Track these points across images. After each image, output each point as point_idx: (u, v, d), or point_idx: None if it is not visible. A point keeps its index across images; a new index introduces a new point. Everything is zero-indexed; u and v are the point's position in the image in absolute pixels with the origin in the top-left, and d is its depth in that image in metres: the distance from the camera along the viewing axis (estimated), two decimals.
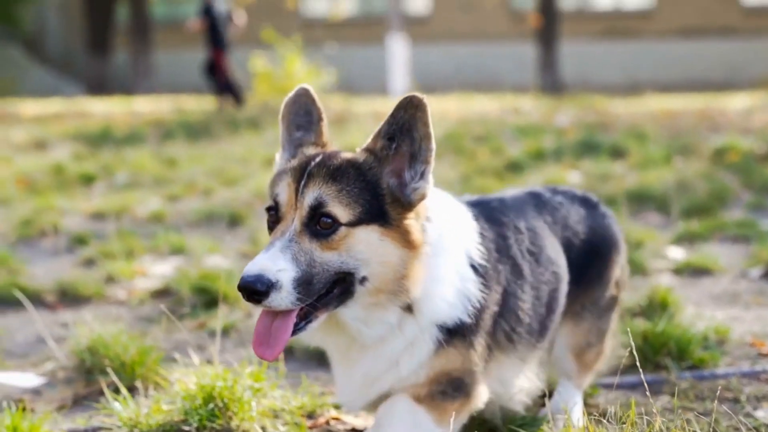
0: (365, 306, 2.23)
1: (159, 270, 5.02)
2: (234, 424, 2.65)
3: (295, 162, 2.30)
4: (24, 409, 2.71)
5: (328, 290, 2.17)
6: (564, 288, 2.72)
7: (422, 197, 2.25)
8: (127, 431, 2.65)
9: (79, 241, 5.93)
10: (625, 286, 3.04)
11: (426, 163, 2.23)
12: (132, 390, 2.94)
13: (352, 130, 11.97)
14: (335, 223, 2.15)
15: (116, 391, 2.87)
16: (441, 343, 2.33)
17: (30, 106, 19.80)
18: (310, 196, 2.17)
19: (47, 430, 2.67)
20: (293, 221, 2.16)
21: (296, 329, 2.15)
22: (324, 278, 2.14)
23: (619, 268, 2.95)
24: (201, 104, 18.30)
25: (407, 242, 2.21)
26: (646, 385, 2.69)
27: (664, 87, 20.60)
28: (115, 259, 5.14)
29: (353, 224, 2.16)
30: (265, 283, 2.04)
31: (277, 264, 2.08)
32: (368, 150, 2.27)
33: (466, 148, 9.66)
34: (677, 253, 5.21)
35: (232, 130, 13.72)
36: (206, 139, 12.54)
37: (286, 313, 2.14)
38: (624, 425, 2.23)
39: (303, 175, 2.21)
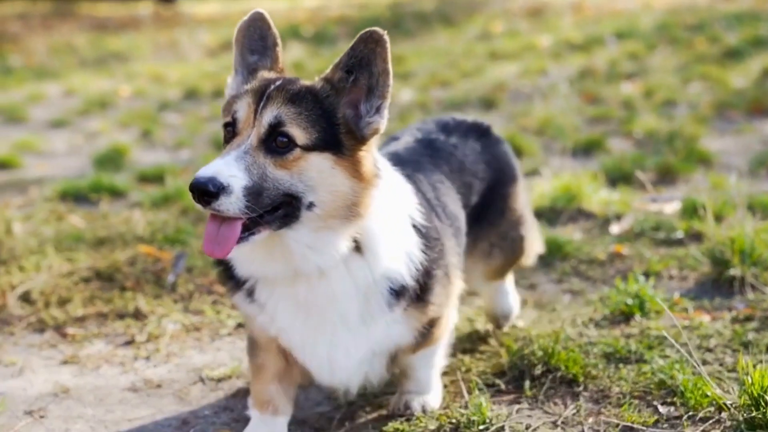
0: (313, 229, 2.56)
1: None
2: None
3: (255, 83, 2.65)
4: None
5: (273, 209, 2.50)
6: (462, 241, 3.25)
7: (376, 131, 2.61)
8: None
9: None
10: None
11: (383, 98, 2.59)
12: None
13: (553, 25, 13.85)
14: (291, 143, 2.50)
15: None
16: (393, 307, 2.76)
17: (195, 7, 22.73)
18: (269, 115, 2.52)
19: None
20: (250, 136, 2.52)
21: (240, 239, 2.49)
22: (273, 194, 2.48)
23: (519, 195, 3.54)
24: None
25: (359, 173, 2.56)
26: None
27: None
28: None
29: (308, 148, 2.52)
30: (217, 185, 2.37)
31: (230, 170, 2.42)
32: (326, 79, 2.62)
33: (681, 37, 11.63)
34: None
35: (424, 25, 15.87)
36: (399, 36, 14.72)
37: (232, 220, 2.47)
38: None
39: (263, 96, 2.56)
